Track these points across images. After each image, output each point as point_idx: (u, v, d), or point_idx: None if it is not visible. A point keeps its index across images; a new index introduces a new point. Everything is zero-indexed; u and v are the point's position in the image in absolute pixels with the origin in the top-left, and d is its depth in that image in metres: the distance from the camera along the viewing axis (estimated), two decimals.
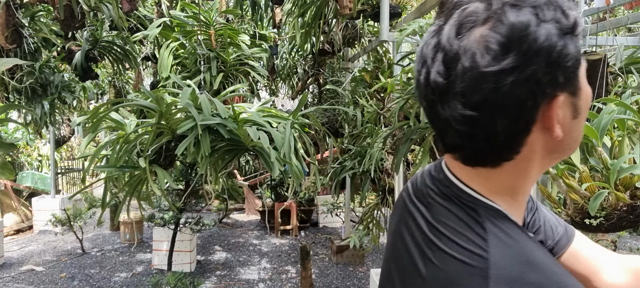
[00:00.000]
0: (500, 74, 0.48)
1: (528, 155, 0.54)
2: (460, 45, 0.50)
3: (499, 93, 0.48)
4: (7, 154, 6.78)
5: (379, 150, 3.05)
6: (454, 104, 0.51)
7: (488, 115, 0.50)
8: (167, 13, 3.26)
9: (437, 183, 0.61)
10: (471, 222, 0.54)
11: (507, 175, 0.56)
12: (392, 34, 3.12)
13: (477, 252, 0.51)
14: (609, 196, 1.20)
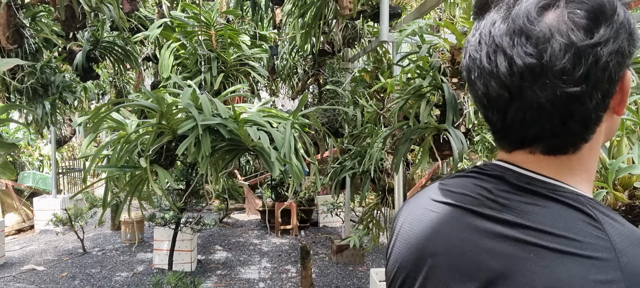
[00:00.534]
0: (597, 46, 0.48)
1: (598, 136, 0.55)
2: (547, 24, 0.49)
3: (598, 66, 0.49)
4: (8, 154, 6.80)
5: (379, 150, 3.06)
6: (554, 83, 0.49)
7: (590, 89, 0.49)
8: (168, 14, 3.27)
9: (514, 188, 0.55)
10: (582, 216, 0.51)
11: (585, 159, 0.55)
12: (392, 35, 3.13)
13: (601, 243, 0.48)
14: (608, 196, 1.21)
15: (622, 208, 1.20)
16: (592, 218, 0.50)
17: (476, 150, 4.28)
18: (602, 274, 0.46)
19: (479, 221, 0.55)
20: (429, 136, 2.25)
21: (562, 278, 0.47)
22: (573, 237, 0.49)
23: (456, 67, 2.18)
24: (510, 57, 0.51)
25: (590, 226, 0.49)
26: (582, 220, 0.50)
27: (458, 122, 2.17)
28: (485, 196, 0.57)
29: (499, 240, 0.52)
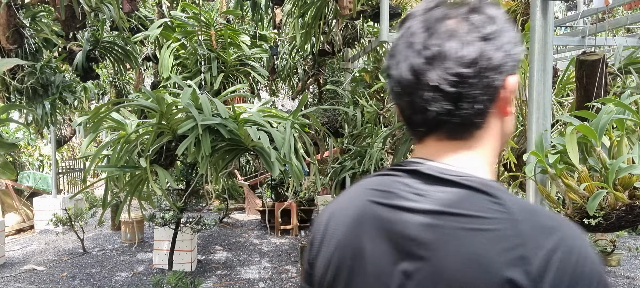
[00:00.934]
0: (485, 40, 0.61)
1: (492, 130, 0.64)
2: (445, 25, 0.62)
3: (485, 54, 0.60)
4: (8, 154, 6.80)
5: (379, 150, 3.06)
6: (449, 66, 0.60)
7: (476, 75, 0.60)
8: (168, 14, 3.27)
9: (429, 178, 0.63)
10: (486, 196, 0.59)
11: (483, 146, 0.64)
12: (392, 35, 3.13)
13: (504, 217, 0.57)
14: (608, 196, 1.21)
15: (623, 209, 1.20)
16: (495, 197, 0.58)
17: None
18: (507, 243, 0.55)
19: (399, 213, 0.62)
20: None
21: (477, 252, 0.55)
22: (481, 215, 0.57)
23: None
24: (420, 47, 0.62)
25: (494, 204, 0.58)
26: (487, 200, 0.58)
27: None
28: (404, 189, 0.63)
29: (420, 227, 0.59)
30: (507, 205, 0.58)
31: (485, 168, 0.65)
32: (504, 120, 0.66)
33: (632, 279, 4.75)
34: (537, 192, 1.43)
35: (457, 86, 0.60)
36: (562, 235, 0.55)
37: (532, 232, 0.55)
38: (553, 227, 0.56)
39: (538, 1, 1.41)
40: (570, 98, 2.06)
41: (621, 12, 4.63)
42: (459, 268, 0.55)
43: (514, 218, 0.56)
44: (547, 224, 0.56)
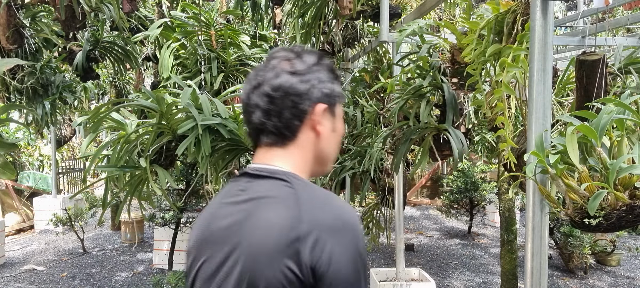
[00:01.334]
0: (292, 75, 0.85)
1: (304, 143, 0.87)
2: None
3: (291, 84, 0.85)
4: (8, 154, 6.79)
5: (379, 150, 3.06)
6: (263, 90, 0.85)
7: (280, 99, 0.84)
8: (168, 14, 3.27)
9: (252, 176, 0.86)
10: (285, 184, 0.82)
11: (295, 155, 0.87)
12: (392, 35, 3.13)
13: (293, 198, 0.79)
14: (608, 196, 1.20)
15: (623, 209, 1.20)
16: (290, 184, 0.81)
17: (476, 150, 4.28)
18: (292, 212, 0.76)
19: (228, 207, 0.84)
20: (429, 136, 2.25)
21: (271, 217, 0.77)
22: (277, 196, 0.80)
23: (456, 67, 2.17)
24: (252, 77, 0.88)
25: (289, 189, 0.80)
26: (285, 186, 0.81)
27: (458, 122, 2.17)
28: (235, 188, 0.86)
29: (237, 213, 0.81)
30: (297, 190, 0.80)
31: (293, 168, 0.86)
32: (319, 138, 0.88)
33: (632, 279, 4.75)
34: (538, 192, 1.43)
35: (268, 104, 0.84)
36: (326, 217, 0.76)
37: (307, 207, 0.77)
38: (324, 207, 0.78)
39: (538, 1, 1.41)
40: (570, 98, 2.06)
41: (621, 12, 4.62)
42: (257, 232, 0.77)
43: (300, 199, 0.78)
44: (321, 204, 0.78)
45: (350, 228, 0.77)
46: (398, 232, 3.35)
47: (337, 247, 0.74)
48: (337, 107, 0.92)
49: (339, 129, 0.93)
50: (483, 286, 4.52)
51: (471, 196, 6.33)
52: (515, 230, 3.70)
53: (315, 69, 0.89)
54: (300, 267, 0.73)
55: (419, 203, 8.99)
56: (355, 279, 0.75)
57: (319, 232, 0.74)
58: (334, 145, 0.92)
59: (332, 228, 0.75)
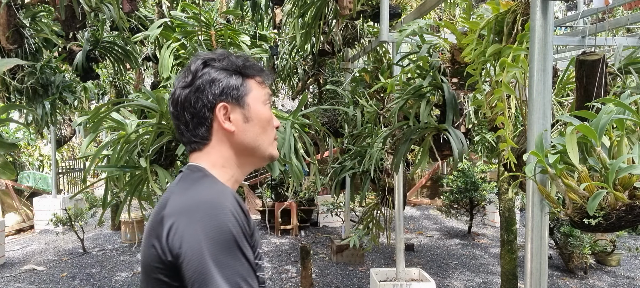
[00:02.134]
0: (183, 88, 0.93)
1: (220, 144, 0.94)
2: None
3: (181, 100, 0.93)
4: (8, 154, 6.79)
5: (379, 150, 3.06)
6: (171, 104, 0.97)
7: (181, 111, 0.93)
8: (168, 14, 3.27)
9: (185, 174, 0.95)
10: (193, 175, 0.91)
11: (213, 156, 0.94)
12: (392, 35, 3.13)
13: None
14: (608, 196, 1.20)
15: (623, 209, 1.20)
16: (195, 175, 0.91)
17: (476, 150, 4.28)
18: (165, 197, 0.90)
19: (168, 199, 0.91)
20: (429, 136, 2.25)
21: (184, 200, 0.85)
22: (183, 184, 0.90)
23: (456, 67, 2.17)
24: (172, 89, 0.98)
25: (189, 180, 0.90)
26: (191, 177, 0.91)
27: (458, 122, 2.17)
28: (173, 183, 0.95)
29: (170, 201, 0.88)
30: (186, 179, 0.90)
31: (213, 166, 0.93)
32: (233, 134, 0.93)
33: (632, 279, 4.75)
34: (538, 192, 1.43)
35: (175, 119, 0.95)
36: (183, 199, 0.85)
37: (177, 193, 0.88)
38: (186, 192, 0.87)
39: (538, 1, 1.41)
40: (570, 98, 2.06)
41: (621, 12, 4.62)
42: (157, 210, 0.87)
43: (179, 185, 0.89)
44: (186, 189, 0.87)
45: (204, 208, 0.81)
46: (398, 232, 3.35)
47: (188, 227, 0.79)
48: (246, 96, 0.94)
49: (256, 115, 0.95)
50: (483, 286, 4.52)
51: (471, 196, 6.33)
52: (515, 230, 3.70)
53: (203, 73, 0.93)
54: (161, 245, 0.81)
55: (419, 203, 8.99)
56: (203, 257, 0.76)
57: (175, 214, 0.82)
58: (257, 131, 0.95)
59: (185, 209, 0.82)
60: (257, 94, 0.96)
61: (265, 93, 0.98)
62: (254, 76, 0.97)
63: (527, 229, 1.48)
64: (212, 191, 0.86)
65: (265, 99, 0.98)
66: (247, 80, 0.96)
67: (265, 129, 0.96)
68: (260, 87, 0.97)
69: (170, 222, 0.81)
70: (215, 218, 0.79)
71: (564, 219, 1.34)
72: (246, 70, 0.96)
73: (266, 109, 0.97)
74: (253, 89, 0.96)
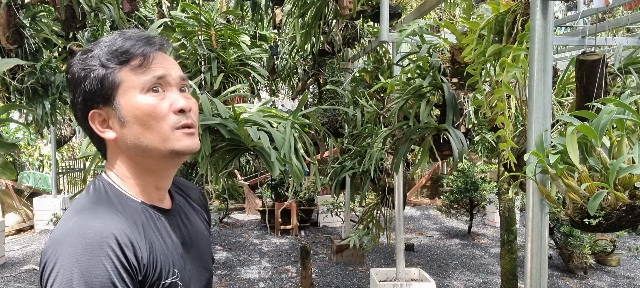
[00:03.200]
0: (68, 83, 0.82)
1: (110, 148, 0.82)
2: None
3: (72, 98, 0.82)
4: (8, 154, 6.79)
5: (379, 150, 3.06)
6: None
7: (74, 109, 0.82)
8: (168, 14, 3.27)
9: None
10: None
11: (114, 162, 0.82)
12: (392, 35, 3.13)
13: None
14: (608, 196, 1.20)
15: (623, 209, 1.20)
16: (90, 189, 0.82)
17: (476, 150, 4.28)
18: None
19: None
20: (429, 136, 2.25)
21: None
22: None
23: (456, 67, 2.17)
24: None
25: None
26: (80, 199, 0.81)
27: (458, 122, 2.17)
28: None
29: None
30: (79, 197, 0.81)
31: (116, 172, 0.82)
32: (116, 140, 0.79)
33: (632, 279, 4.75)
34: (538, 192, 1.43)
35: None
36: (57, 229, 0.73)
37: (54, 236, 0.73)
38: (64, 218, 0.75)
39: (538, 1, 1.41)
40: (570, 98, 2.06)
41: (621, 12, 4.62)
42: None
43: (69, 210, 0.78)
44: (66, 216, 0.75)
45: (63, 245, 0.68)
46: (398, 232, 3.35)
47: (54, 263, 0.67)
48: (115, 93, 0.76)
49: (130, 113, 0.76)
50: (483, 286, 4.52)
51: (471, 196, 6.33)
52: (515, 230, 3.70)
53: (70, 74, 0.79)
54: (41, 277, 0.70)
55: (419, 203, 8.99)
56: None
57: (50, 245, 0.70)
58: (137, 131, 0.77)
59: (56, 241, 0.70)
60: (129, 84, 0.76)
61: (146, 77, 0.76)
62: (127, 60, 0.76)
63: (527, 229, 1.48)
64: (77, 221, 0.72)
65: (143, 85, 0.76)
66: (117, 71, 0.76)
67: (147, 125, 0.76)
68: (136, 73, 0.76)
69: (48, 253, 0.70)
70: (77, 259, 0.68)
71: (564, 219, 1.34)
72: (114, 58, 0.76)
73: (145, 98, 0.76)
74: (124, 80, 0.76)
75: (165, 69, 0.79)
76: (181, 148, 0.78)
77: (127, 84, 0.76)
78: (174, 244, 0.82)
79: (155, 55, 0.79)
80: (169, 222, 0.84)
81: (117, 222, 0.72)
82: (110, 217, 0.73)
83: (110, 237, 0.69)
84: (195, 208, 0.97)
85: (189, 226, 0.90)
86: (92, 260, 0.66)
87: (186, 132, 0.79)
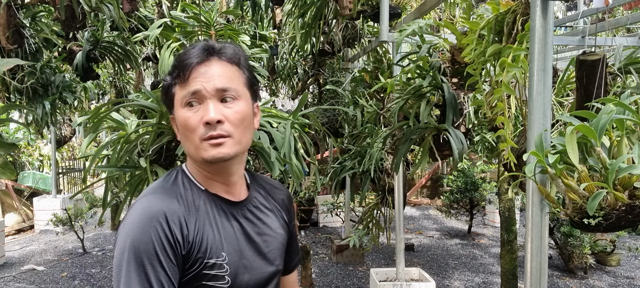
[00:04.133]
0: None
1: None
2: None
3: None
4: (8, 154, 6.79)
5: (379, 150, 3.06)
6: None
7: None
8: (168, 13, 3.27)
9: None
10: None
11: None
12: (392, 35, 3.13)
13: None
14: (608, 196, 1.20)
15: (623, 209, 1.20)
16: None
17: (476, 150, 4.28)
18: None
19: None
20: (429, 136, 2.25)
21: None
22: None
23: (456, 67, 2.17)
24: None
25: None
26: None
27: (458, 122, 2.17)
28: None
29: None
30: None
31: (186, 163, 0.96)
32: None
33: (632, 279, 4.75)
34: (538, 192, 1.43)
35: None
36: None
37: None
38: None
39: (538, 1, 1.41)
40: (570, 98, 2.06)
41: (621, 12, 4.62)
42: None
43: None
44: None
45: (127, 218, 0.85)
46: (398, 232, 3.35)
47: (121, 228, 0.86)
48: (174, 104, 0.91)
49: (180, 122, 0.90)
50: (483, 286, 4.52)
51: (471, 196, 6.33)
52: (515, 230, 3.70)
53: None
54: None
55: (419, 203, 8.99)
56: (117, 264, 0.81)
57: (126, 215, 0.88)
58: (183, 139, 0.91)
59: (128, 212, 0.87)
60: (178, 98, 0.88)
61: (184, 92, 0.86)
62: (178, 76, 0.87)
63: (527, 229, 1.48)
64: (141, 202, 0.88)
65: (182, 99, 0.87)
66: (175, 85, 0.89)
67: (185, 135, 0.88)
68: (180, 87, 0.87)
69: None
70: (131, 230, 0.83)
71: (564, 219, 1.34)
72: (174, 72, 0.88)
73: (184, 111, 0.87)
74: (175, 93, 0.89)
75: (202, 82, 0.85)
76: (208, 157, 0.86)
77: (176, 97, 0.89)
78: (232, 232, 0.91)
79: (197, 68, 0.86)
80: (234, 213, 0.93)
81: (171, 202, 0.85)
82: (167, 198, 0.86)
83: (161, 214, 0.82)
84: (275, 208, 1.04)
85: (258, 222, 0.98)
86: (142, 229, 0.80)
87: (211, 143, 0.86)
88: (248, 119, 0.90)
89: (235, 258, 0.89)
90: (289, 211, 1.09)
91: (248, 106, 0.91)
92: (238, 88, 0.89)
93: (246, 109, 0.89)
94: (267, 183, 1.07)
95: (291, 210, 1.10)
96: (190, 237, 0.84)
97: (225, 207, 0.92)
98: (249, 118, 0.91)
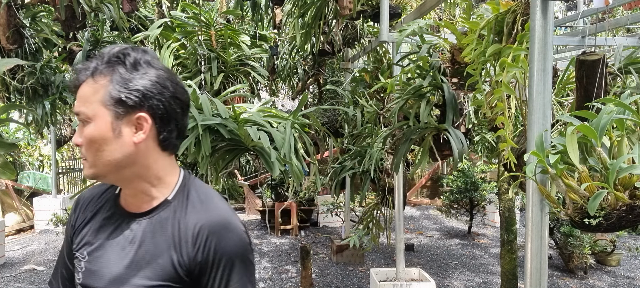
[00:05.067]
0: None
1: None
2: None
3: None
4: (8, 154, 6.79)
5: (379, 150, 3.06)
6: None
7: None
8: (168, 14, 3.27)
9: None
10: None
11: None
12: (392, 35, 3.13)
13: None
14: (608, 196, 1.20)
15: (623, 209, 1.20)
16: None
17: (476, 150, 4.28)
18: None
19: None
20: (429, 136, 2.25)
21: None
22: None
23: (456, 67, 2.17)
24: None
25: None
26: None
27: (458, 122, 2.17)
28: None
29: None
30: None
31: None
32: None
33: (632, 279, 4.75)
34: (538, 192, 1.43)
35: None
36: None
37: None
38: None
39: (538, 1, 1.41)
40: (570, 98, 2.06)
41: (621, 12, 4.62)
42: None
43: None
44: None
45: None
46: (398, 232, 3.35)
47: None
48: None
49: None
50: (483, 286, 4.52)
51: (471, 196, 6.34)
52: (515, 230, 3.70)
53: None
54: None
55: (419, 203, 8.99)
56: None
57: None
58: None
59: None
60: None
61: None
62: None
63: (527, 229, 1.48)
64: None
65: None
66: None
67: None
68: None
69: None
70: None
71: (564, 219, 1.34)
72: None
73: None
74: None
75: (76, 105, 0.88)
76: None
77: None
78: (109, 235, 0.95)
79: (79, 90, 0.87)
80: (122, 220, 0.96)
81: (89, 193, 1.03)
82: (92, 190, 1.03)
83: (77, 199, 1.04)
84: (173, 234, 0.90)
85: (144, 236, 0.91)
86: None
87: (82, 162, 0.92)
88: (99, 141, 0.83)
89: (99, 261, 0.93)
90: (195, 246, 0.90)
91: (101, 127, 0.83)
92: (88, 110, 0.83)
93: (96, 132, 0.83)
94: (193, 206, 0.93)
95: (197, 244, 0.90)
96: (76, 225, 1.00)
97: (120, 214, 0.97)
98: (101, 139, 0.83)
